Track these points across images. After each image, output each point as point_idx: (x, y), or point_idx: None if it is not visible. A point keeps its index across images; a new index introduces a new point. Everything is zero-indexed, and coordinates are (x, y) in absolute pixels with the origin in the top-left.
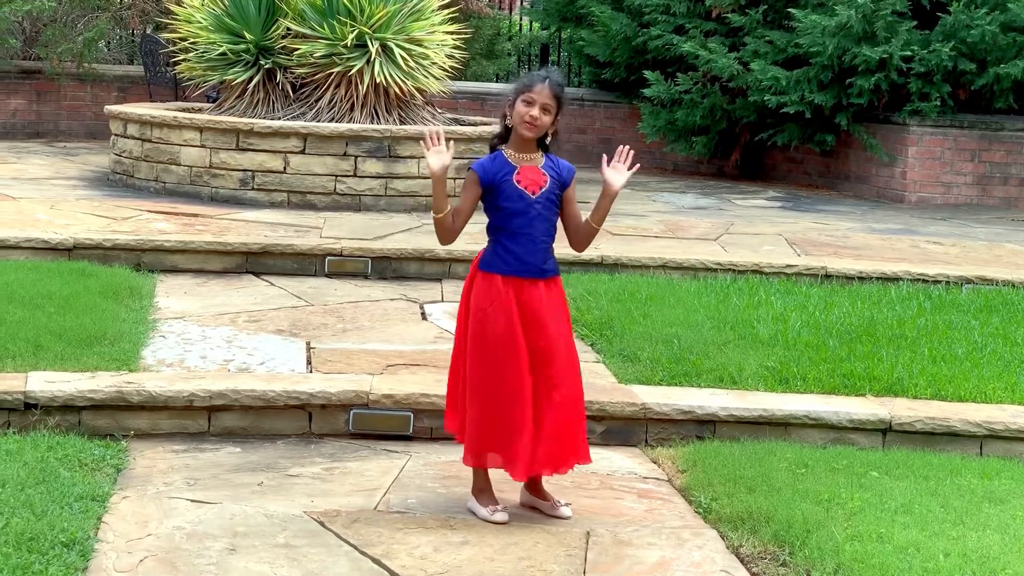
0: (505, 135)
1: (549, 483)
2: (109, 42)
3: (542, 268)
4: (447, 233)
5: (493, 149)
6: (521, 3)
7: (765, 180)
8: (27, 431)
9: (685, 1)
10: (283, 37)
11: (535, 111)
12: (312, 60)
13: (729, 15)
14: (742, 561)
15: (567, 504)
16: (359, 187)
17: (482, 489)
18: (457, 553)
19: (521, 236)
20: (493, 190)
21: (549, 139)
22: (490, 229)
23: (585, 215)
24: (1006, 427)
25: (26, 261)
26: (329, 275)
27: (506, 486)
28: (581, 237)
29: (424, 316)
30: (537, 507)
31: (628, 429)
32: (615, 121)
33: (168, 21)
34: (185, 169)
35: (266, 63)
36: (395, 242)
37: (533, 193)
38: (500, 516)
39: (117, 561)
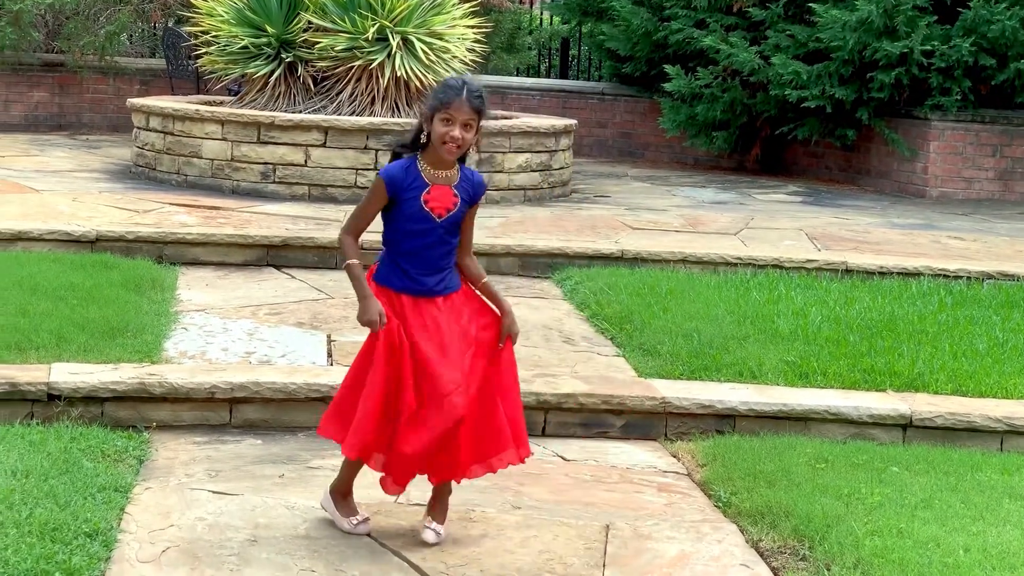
0: (416, 142)
1: (572, 475)
2: (131, 35)
3: (434, 289)
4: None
5: (399, 155)
6: None
7: (785, 175)
8: (50, 422)
9: None
10: (304, 31)
11: (455, 131)
12: (333, 54)
13: (750, 9)
14: (762, 555)
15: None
16: None
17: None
18: (477, 545)
19: (416, 259)
20: (397, 204)
21: (469, 151)
22: (386, 241)
23: (480, 261)
24: None
25: (49, 253)
26: None
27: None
28: (463, 264)
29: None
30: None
31: (648, 423)
32: (635, 115)
33: (190, 14)
34: (207, 162)
35: (287, 57)
36: None
37: (439, 216)
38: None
39: (140, 552)
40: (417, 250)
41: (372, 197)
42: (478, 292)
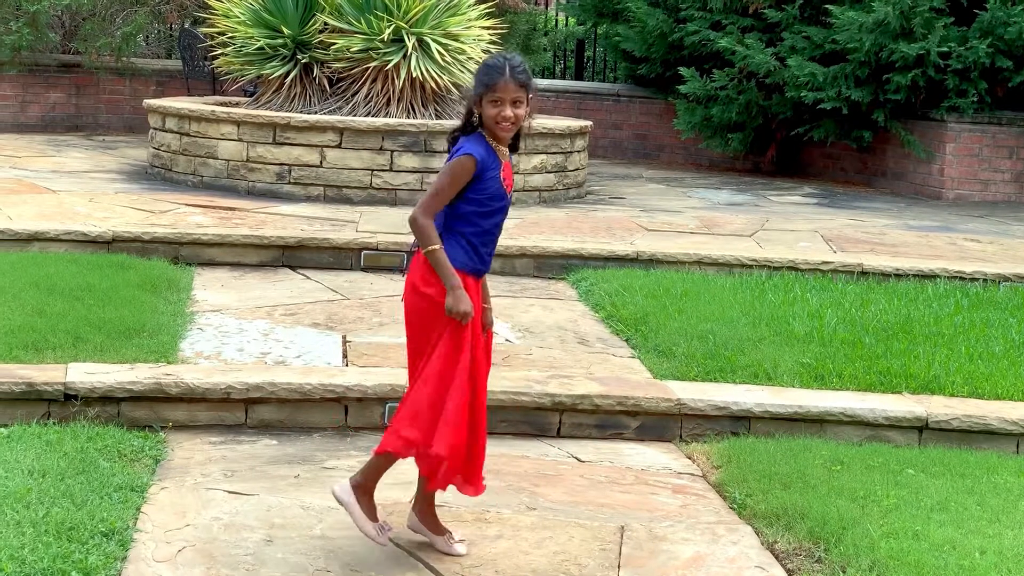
0: (471, 125)
1: (587, 476)
2: (147, 36)
3: (486, 270)
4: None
5: (456, 139)
6: None
7: (801, 176)
8: (67, 422)
9: None
10: (320, 32)
11: (507, 110)
12: (349, 55)
13: (766, 11)
14: (777, 557)
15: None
16: (395, 181)
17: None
18: (492, 546)
19: (489, 238)
20: (480, 182)
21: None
22: (456, 219)
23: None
24: None
25: (66, 253)
26: (365, 269)
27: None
28: None
29: None
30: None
31: (663, 424)
32: (651, 117)
33: (206, 15)
34: (222, 163)
35: (303, 58)
36: None
37: (509, 192)
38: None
39: (156, 551)
40: (492, 228)
41: (456, 177)
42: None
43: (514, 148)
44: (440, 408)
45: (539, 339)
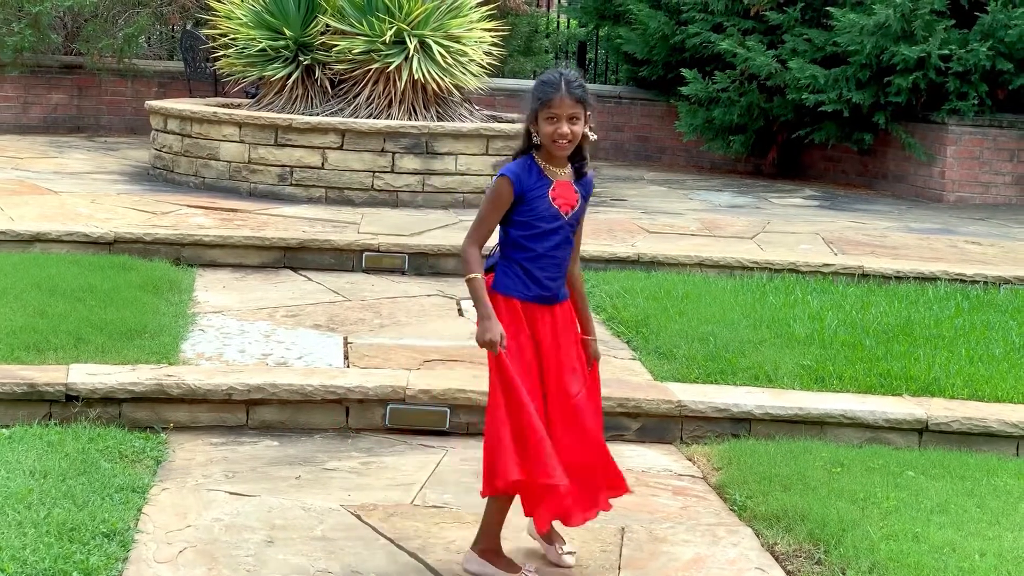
0: (528, 146)
1: None
2: (149, 38)
3: (559, 295)
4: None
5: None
6: (559, 0)
7: (802, 179)
8: (68, 423)
9: None
10: (322, 34)
11: (563, 127)
12: (351, 57)
13: (767, 13)
14: (777, 559)
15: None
16: (396, 183)
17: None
18: None
19: (547, 262)
20: (523, 203)
21: (584, 144)
22: (510, 245)
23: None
24: None
25: (68, 254)
26: (366, 271)
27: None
28: (572, 271)
29: (461, 312)
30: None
31: (663, 426)
32: (652, 119)
33: (208, 17)
34: (224, 164)
35: (305, 59)
36: (432, 238)
37: (566, 213)
38: None
39: (157, 552)
40: (548, 251)
41: (496, 200)
42: (580, 298)
43: (579, 166)
44: (497, 441)
45: None
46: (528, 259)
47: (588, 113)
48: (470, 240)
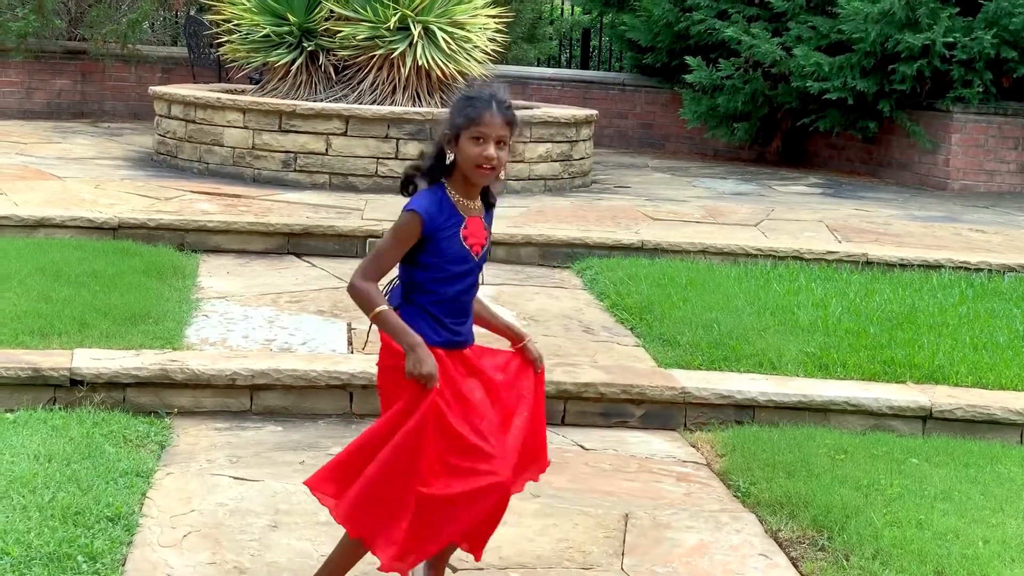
0: (439, 169)
1: (592, 464)
2: (153, 23)
3: (467, 339)
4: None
5: (411, 182)
6: None
7: (806, 166)
8: (73, 407)
9: None
10: (326, 19)
11: (490, 150)
12: (355, 43)
13: (772, 0)
14: (780, 545)
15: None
16: (400, 170)
17: None
18: (497, 533)
19: (455, 306)
20: (433, 243)
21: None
22: (413, 288)
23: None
24: None
25: (72, 240)
26: None
27: None
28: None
29: None
30: None
31: (667, 413)
32: (656, 106)
33: (212, 3)
34: (228, 150)
35: (309, 45)
36: None
37: (476, 254)
38: None
39: (161, 536)
40: (457, 295)
41: (401, 236)
42: (483, 325)
43: (487, 203)
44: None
45: (544, 327)
46: (436, 303)
47: (513, 140)
48: (364, 276)
